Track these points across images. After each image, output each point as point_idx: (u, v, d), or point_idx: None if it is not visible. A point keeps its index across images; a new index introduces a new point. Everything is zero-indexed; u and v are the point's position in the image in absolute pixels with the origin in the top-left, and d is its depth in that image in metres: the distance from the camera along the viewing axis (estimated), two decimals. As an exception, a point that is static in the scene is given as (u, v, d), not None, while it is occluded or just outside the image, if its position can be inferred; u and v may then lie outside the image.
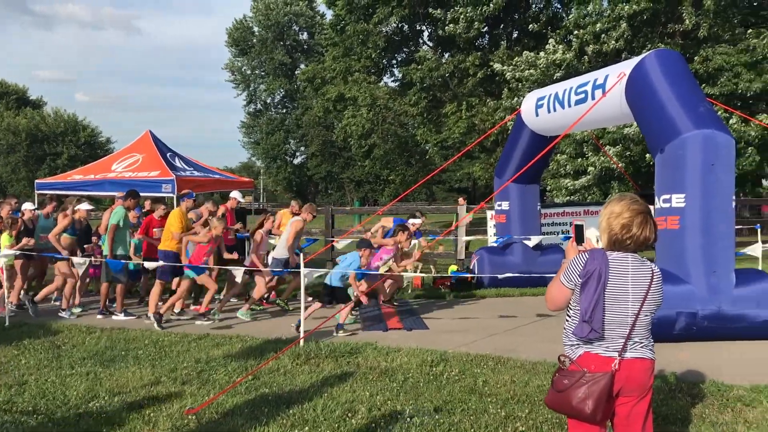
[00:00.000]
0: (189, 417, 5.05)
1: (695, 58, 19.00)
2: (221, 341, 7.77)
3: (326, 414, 5.08)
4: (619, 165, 18.02)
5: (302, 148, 63.68)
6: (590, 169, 20.18)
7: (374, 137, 31.19)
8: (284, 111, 63.31)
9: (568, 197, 20.79)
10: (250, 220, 14.89)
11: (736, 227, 14.83)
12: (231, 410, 5.21)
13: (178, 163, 14.68)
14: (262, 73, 61.82)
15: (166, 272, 9.18)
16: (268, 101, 63.52)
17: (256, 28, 60.42)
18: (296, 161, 65.19)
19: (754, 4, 21.66)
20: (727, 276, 7.64)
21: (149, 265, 9.34)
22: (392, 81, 34.70)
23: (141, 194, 11.84)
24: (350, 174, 56.96)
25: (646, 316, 3.05)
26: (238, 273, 8.95)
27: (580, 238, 3.35)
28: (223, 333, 8.33)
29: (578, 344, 3.06)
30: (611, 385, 2.92)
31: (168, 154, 14.63)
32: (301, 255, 8.26)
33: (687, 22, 18.61)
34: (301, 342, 7.38)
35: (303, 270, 7.74)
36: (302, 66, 54.63)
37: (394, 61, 32.83)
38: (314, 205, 10.39)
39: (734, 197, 7.99)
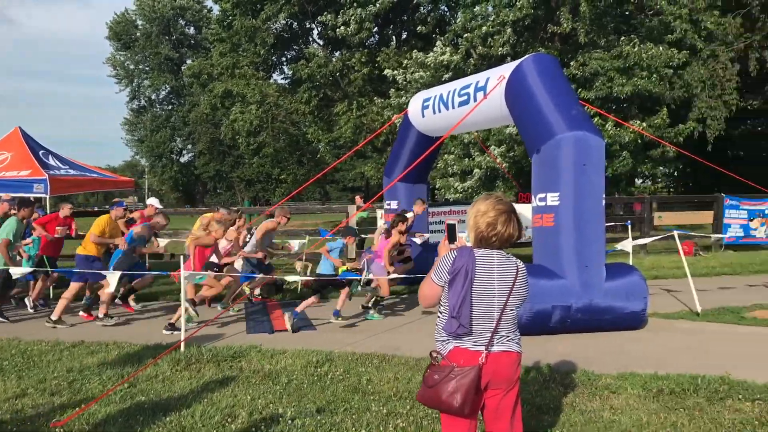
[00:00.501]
0: (56, 430, 4.77)
1: (572, 63, 19.97)
2: (96, 348, 7.39)
3: (205, 420, 4.94)
4: (503, 165, 18.67)
5: (189, 146, 61.97)
6: (476, 169, 20.80)
7: (264, 135, 30.75)
8: (170, 107, 61.31)
9: (456, 196, 21.34)
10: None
11: (611, 224, 15.84)
12: (103, 420, 4.96)
13: (51, 161, 13.83)
14: (147, 68, 59.60)
15: (82, 276, 9.01)
16: (153, 97, 61.36)
17: (139, 22, 58.14)
18: (183, 160, 63.33)
19: (626, 13, 23.03)
20: (598, 270, 8.06)
21: (14, 271, 8.76)
22: (282, 78, 34.41)
23: (11, 195, 11.17)
24: (240, 173, 55.92)
25: (512, 310, 3.15)
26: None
27: (452, 236, 3.41)
28: (99, 339, 7.92)
29: (448, 339, 3.13)
30: (479, 379, 2.99)
31: (40, 152, 13.76)
32: (182, 258, 8.03)
33: (565, 26, 19.51)
34: (182, 347, 7.14)
35: (183, 273, 7.51)
36: (189, 61, 53.06)
37: (284, 59, 32.53)
38: (286, 208, 10.42)
39: (609, 196, 8.46)
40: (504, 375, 3.10)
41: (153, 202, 10.98)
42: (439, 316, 3.22)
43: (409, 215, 11.31)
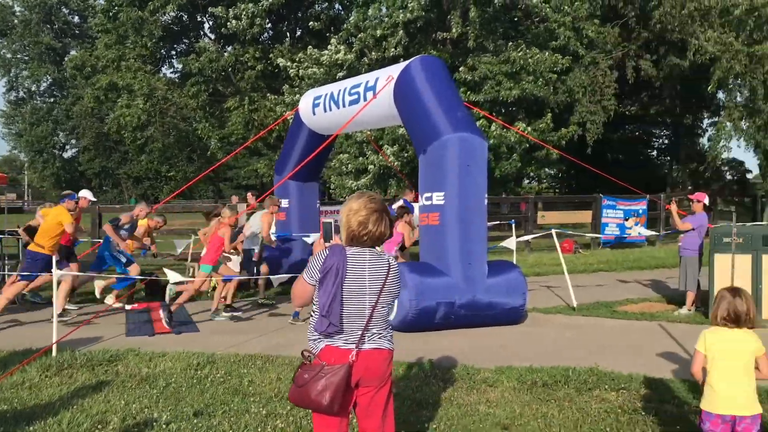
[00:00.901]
0: None
1: (461, 67, 20.49)
2: (-44, 356, 6.87)
3: (73, 427, 4.69)
4: (395, 164, 18.90)
5: (73, 141, 58.81)
6: (370, 167, 20.95)
7: (152, 130, 29.65)
8: (52, 100, 57.96)
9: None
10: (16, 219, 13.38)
11: (498, 223, 16.36)
12: (-43, 434, 4.61)
13: None
14: (26, 58, 56.07)
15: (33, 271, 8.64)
16: (33, 89, 57.76)
17: (17, 8, 54.63)
18: (66, 155, 60.06)
19: (515, 19, 23.91)
20: (481, 267, 8.29)
21: None
22: (172, 72, 33.31)
23: None
24: (128, 170, 53.62)
25: (383, 307, 3.17)
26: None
27: (327, 235, 3.41)
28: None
29: (320, 338, 3.12)
30: (349, 377, 2.99)
31: None
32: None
33: (454, 30, 19.98)
34: (54, 351, 6.76)
35: (53, 272, 7.11)
36: (73, 52, 50.40)
37: (173, 52, 31.50)
38: (276, 198, 10.64)
39: (497, 196, 8.72)
40: (375, 372, 3.12)
41: (86, 194, 10.29)
42: (313, 315, 3.21)
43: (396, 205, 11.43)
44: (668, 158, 36.18)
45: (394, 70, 9.42)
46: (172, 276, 8.26)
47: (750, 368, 3.49)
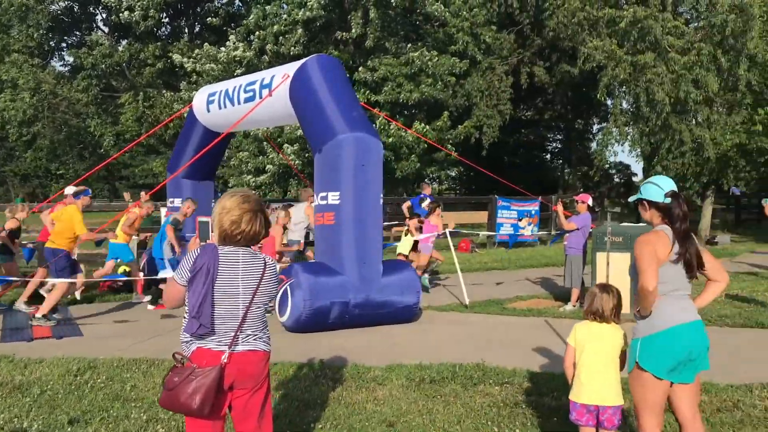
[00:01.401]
0: None
1: (360, 68, 20.58)
2: None
3: (-70, 443, 4.38)
4: (293, 164, 18.75)
5: (-47, 136, 54.95)
6: (269, 166, 20.70)
7: (39, 125, 28.11)
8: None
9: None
10: None
11: (397, 223, 16.53)
12: None
13: None
14: None
15: (64, 270, 8.58)
16: None
17: None
18: (-55, 151, 55.95)
19: (416, 23, 24.29)
20: (376, 266, 8.36)
21: None
22: (62, 65, 31.72)
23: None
24: (14, 167, 50.60)
25: (259, 308, 3.12)
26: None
27: (204, 234, 3.33)
28: None
29: (191, 341, 3.04)
30: (220, 379, 2.93)
31: None
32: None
33: (354, 30, 20.05)
34: None
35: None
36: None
37: (64, 44, 30.00)
38: (310, 189, 11.04)
39: (398, 197, 8.81)
40: (250, 374, 3.06)
41: (70, 191, 9.70)
42: (185, 317, 3.12)
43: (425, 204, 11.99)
44: (561, 161, 37.70)
45: (290, 69, 9.34)
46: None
47: (615, 361, 3.68)
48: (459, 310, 9.60)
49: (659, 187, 3.55)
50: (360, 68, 20.44)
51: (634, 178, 36.29)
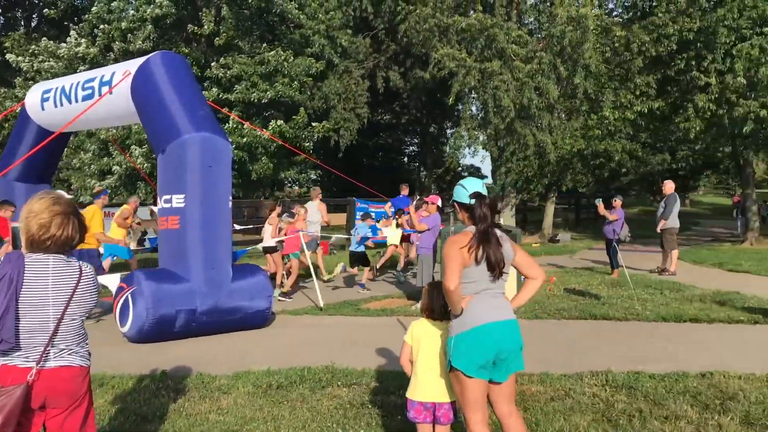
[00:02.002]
0: None
1: (212, 64, 20.04)
2: None
3: None
4: (138, 166, 17.92)
5: None
6: (116, 168, 19.64)
7: None
8: None
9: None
10: None
11: (249, 227, 16.22)
12: None
13: None
14: None
15: (99, 269, 9.16)
16: None
17: None
18: None
19: (272, 23, 23.99)
20: (225, 271, 8.10)
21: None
22: None
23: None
24: None
25: (74, 320, 2.88)
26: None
27: (18, 240, 3.03)
28: None
29: (-6, 357, 2.75)
30: (26, 398, 2.68)
31: None
32: None
33: (206, 27, 19.49)
34: None
35: None
36: None
37: None
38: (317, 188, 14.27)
39: (255, 199, 8.58)
40: (64, 392, 2.82)
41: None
42: None
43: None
44: (417, 164, 38.75)
45: (132, 65, 8.89)
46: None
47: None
48: (313, 313, 9.54)
49: (465, 189, 3.63)
50: (213, 64, 19.88)
51: (485, 181, 38.06)
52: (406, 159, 41.29)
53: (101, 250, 10.47)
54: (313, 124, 21.79)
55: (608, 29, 19.30)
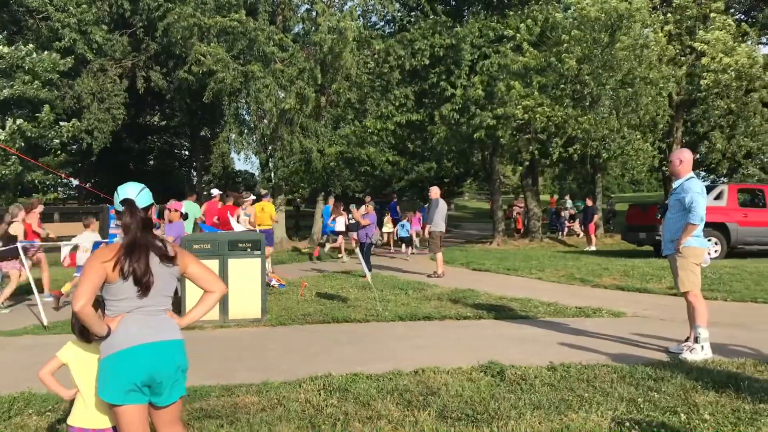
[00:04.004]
0: None
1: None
2: None
3: None
4: None
5: None
6: None
7: None
8: None
9: None
10: None
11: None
12: None
13: None
14: None
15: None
16: None
17: None
18: None
19: (15, 13, 21.83)
20: None
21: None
22: None
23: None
24: None
25: None
26: None
27: None
28: None
29: None
30: None
31: None
32: None
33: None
34: None
35: None
36: None
37: None
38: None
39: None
40: None
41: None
42: None
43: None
44: (188, 169, 37.52)
45: None
46: None
47: None
48: (36, 332, 8.60)
49: (118, 195, 3.37)
50: None
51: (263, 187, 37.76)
52: (177, 163, 39.70)
53: None
54: (61, 123, 20.01)
55: (368, 41, 20.04)
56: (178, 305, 8.43)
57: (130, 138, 30.75)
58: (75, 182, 29.25)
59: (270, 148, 20.55)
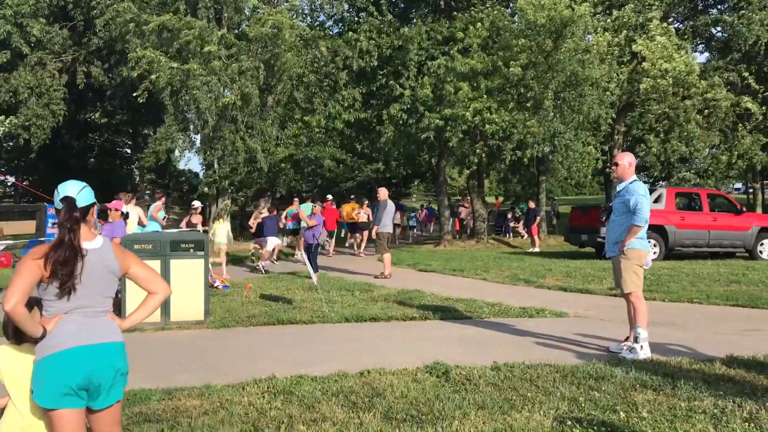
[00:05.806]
0: None
1: None
2: None
3: None
4: None
5: None
6: None
7: None
8: None
9: None
10: None
11: None
12: None
13: None
14: None
15: None
16: None
17: None
18: None
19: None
20: None
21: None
22: None
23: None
24: None
25: None
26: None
27: None
28: None
29: None
30: None
31: None
32: None
33: None
34: None
35: None
36: None
37: None
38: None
39: None
40: None
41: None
42: None
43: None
44: (131, 167, 36.68)
45: None
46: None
47: None
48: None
49: (58, 193, 3.25)
50: None
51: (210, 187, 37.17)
52: (119, 162, 38.72)
53: None
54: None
55: (315, 41, 19.90)
56: (118, 306, 8.22)
57: (71, 135, 29.85)
58: (11, 180, 28.27)
59: (211, 147, 20.23)
